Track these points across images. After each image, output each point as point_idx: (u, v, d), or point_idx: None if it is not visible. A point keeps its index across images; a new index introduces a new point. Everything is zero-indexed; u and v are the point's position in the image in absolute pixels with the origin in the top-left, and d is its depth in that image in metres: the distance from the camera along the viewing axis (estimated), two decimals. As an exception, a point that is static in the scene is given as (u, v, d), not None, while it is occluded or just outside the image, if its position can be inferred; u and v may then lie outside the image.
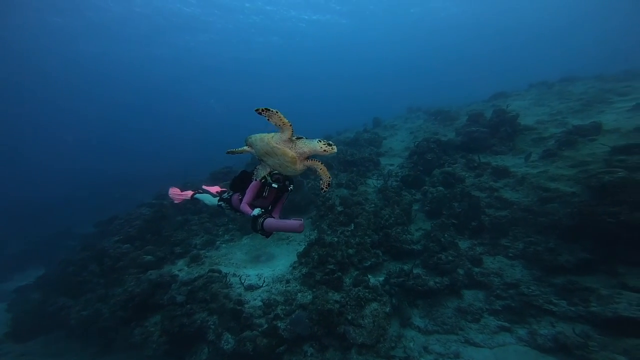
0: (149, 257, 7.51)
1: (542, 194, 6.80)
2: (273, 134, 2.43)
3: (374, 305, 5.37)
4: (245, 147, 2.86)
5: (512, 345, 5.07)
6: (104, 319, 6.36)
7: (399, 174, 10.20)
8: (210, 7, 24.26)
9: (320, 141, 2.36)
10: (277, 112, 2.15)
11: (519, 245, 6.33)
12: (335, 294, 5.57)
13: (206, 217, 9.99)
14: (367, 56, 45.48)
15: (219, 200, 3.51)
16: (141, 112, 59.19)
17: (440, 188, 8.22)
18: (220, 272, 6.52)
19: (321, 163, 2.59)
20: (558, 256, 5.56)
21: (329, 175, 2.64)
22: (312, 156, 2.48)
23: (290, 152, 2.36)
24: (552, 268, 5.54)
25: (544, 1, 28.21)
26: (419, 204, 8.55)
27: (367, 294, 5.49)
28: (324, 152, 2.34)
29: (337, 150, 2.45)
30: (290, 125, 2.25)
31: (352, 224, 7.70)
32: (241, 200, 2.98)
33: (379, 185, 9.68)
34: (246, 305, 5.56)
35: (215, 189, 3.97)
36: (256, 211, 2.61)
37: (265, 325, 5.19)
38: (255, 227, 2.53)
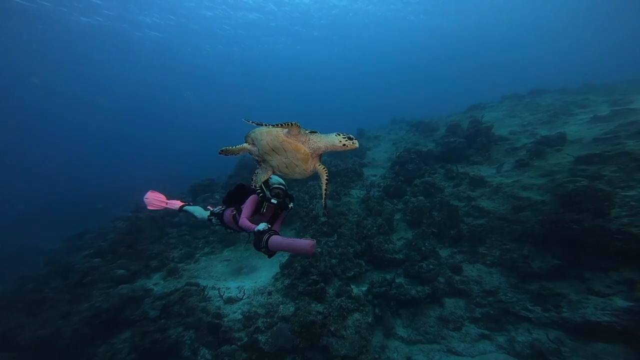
0: (122, 271, 7.11)
1: (515, 203, 7.12)
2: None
3: (356, 315, 5.32)
4: (245, 145, 2.46)
5: (492, 354, 5.16)
6: (65, 337, 5.88)
7: (382, 184, 10.38)
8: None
9: (339, 134, 2.05)
10: (268, 124, 1.99)
11: (496, 252, 6.53)
12: (318, 305, 5.47)
13: (185, 229, 9.66)
14: (351, 67, 46.76)
15: (209, 215, 3.27)
16: (128, 119, 57.33)
17: (421, 198, 8.42)
18: (198, 285, 6.27)
19: (326, 172, 2.31)
20: (532, 263, 5.78)
21: (327, 190, 2.37)
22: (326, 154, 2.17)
23: (303, 148, 2.08)
24: (527, 275, 5.74)
25: (515, 16, 30.26)
26: (401, 213, 8.69)
27: (349, 304, 5.44)
28: (344, 148, 2.02)
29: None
30: (293, 123, 2.00)
31: (336, 234, 7.69)
32: (235, 216, 2.80)
33: (362, 196, 9.78)
34: (225, 319, 5.35)
35: (178, 203, 3.78)
36: (261, 226, 2.28)
37: (245, 339, 4.99)
38: (258, 244, 2.22)
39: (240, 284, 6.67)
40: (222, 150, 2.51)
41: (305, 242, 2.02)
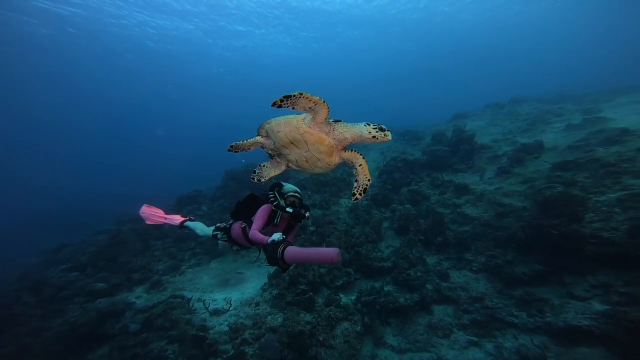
0: (101, 284, 6.83)
1: (498, 209, 7.33)
2: (303, 115, 1.90)
3: (345, 324, 5.27)
4: (258, 138, 2.20)
5: (481, 361, 5.18)
6: (34, 354, 5.50)
7: (369, 192, 10.50)
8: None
9: (369, 124, 1.81)
10: (301, 95, 1.64)
11: (481, 258, 6.66)
12: (307, 314, 5.40)
13: (170, 241, 9.43)
14: (337, 77, 47.54)
15: (214, 230, 2.97)
16: (117, 126, 55.89)
17: (408, 205, 8.56)
18: (183, 297, 6.08)
19: (362, 156, 2.04)
20: (515, 268, 5.92)
21: (368, 176, 2.12)
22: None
23: (327, 139, 1.87)
24: (511, 280, 5.87)
25: (497, 28, 31.91)
26: (389, 221, 8.78)
27: (338, 314, 5.39)
28: (374, 140, 1.81)
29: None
30: (324, 102, 1.71)
31: (324, 243, 7.67)
32: (244, 229, 2.55)
33: (350, 205, 9.84)
34: (210, 331, 5.19)
35: (178, 219, 3.48)
36: (276, 236, 2.05)
37: (232, 352, 4.85)
38: (273, 256, 1.96)
39: (227, 295, 6.52)
40: (231, 147, 2.26)
41: (329, 251, 1.77)
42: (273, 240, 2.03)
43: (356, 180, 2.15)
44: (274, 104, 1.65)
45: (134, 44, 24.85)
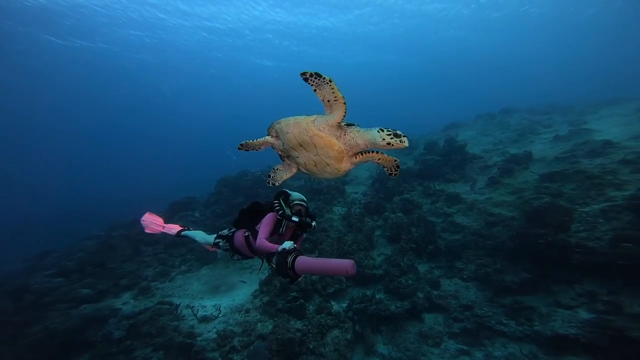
0: (87, 290, 6.67)
1: (488, 219, 7.46)
2: (314, 116, 1.81)
3: (336, 332, 5.24)
4: (267, 138, 2.12)
5: (471, 370, 5.18)
6: None
7: (362, 201, 10.57)
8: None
9: (382, 130, 1.71)
10: (330, 81, 1.56)
11: (471, 267, 6.73)
12: (298, 322, 5.35)
13: (161, 247, 9.29)
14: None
15: (216, 238, 2.86)
16: (114, 129, 55.32)
17: (400, 214, 8.64)
18: (171, 303, 5.98)
19: (376, 151, 1.95)
20: (505, 277, 6.00)
21: (393, 159, 2.05)
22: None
23: (338, 144, 1.78)
24: (501, 288, 5.93)
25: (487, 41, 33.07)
26: (381, 229, 8.83)
27: (329, 321, 5.36)
28: (389, 147, 1.72)
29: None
30: (345, 103, 1.64)
31: (317, 251, 7.66)
32: (247, 238, 2.47)
33: (343, 213, 9.89)
34: (198, 338, 5.10)
35: (175, 228, 3.37)
36: (287, 244, 1.91)
37: (219, 359, 4.76)
38: (282, 266, 1.83)
39: (217, 302, 6.43)
40: (241, 145, 2.20)
41: (344, 263, 1.66)
42: (284, 249, 1.90)
43: (384, 167, 2.08)
44: (303, 74, 1.56)
45: (128, 48, 24.96)
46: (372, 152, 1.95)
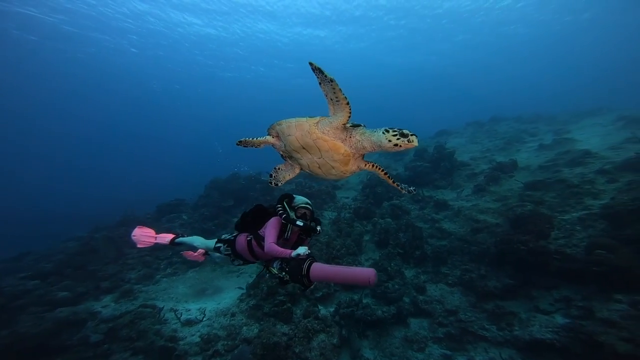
0: (64, 293, 6.44)
1: (473, 225, 7.63)
2: (318, 118, 1.70)
3: (322, 336, 5.23)
4: (268, 138, 2.03)
5: (454, 375, 5.25)
6: None
7: (352, 206, 10.64)
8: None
9: (389, 131, 1.60)
10: (331, 81, 1.45)
11: (456, 272, 6.85)
12: (284, 326, 5.32)
13: (146, 250, 9.08)
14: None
15: (216, 242, 2.73)
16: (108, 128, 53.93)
17: (388, 219, 8.73)
18: (154, 307, 5.85)
19: (381, 169, 1.92)
20: (488, 282, 6.13)
21: (396, 184, 2.02)
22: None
23: (343, 147, 1.70)
24: (484, 294, 6.06)
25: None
26: (369, 234, 8.90)
27: (315, 325, 5.34)
28: (397, 149, 1.60)
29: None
30: (348, 105, 1.53)
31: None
32: (250, 242, 2.39)
33: (333, 217, 9.93)
34: (180, 342, 5.00)
35: (168, 236, 3.19)
36: (301, 250, 1.84)
37: (202, 365, 4.67)
38: (296, 273, 1.74)
39: (202, 305, 6.33)
40: (240, 142, 2.13)
41: (366, 272, 1.58)
42: (298, 255, 1.81)
43: (391, 180, 2.05)
44: (312, 64, 1.46)
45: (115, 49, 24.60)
46: (378, 165, 1.93)
